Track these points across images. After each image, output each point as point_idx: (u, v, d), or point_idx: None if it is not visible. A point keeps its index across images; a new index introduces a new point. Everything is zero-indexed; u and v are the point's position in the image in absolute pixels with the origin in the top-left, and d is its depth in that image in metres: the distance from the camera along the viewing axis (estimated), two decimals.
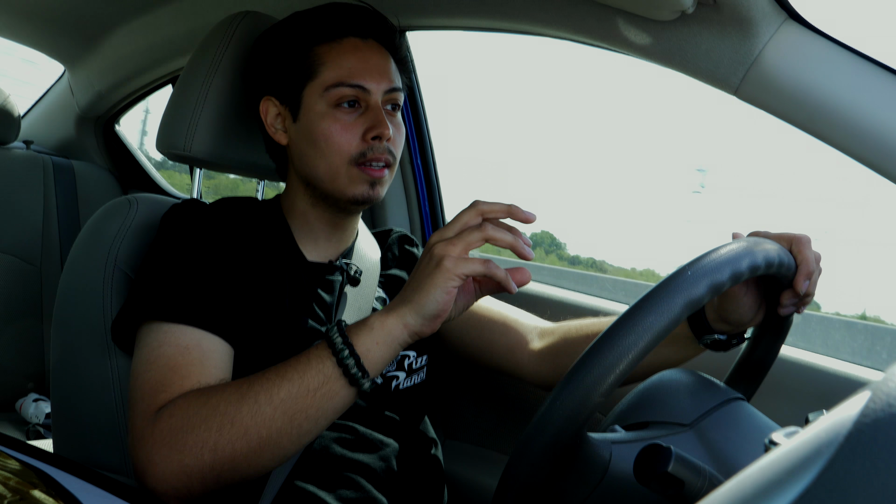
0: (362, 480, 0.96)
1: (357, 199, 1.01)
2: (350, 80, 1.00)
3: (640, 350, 0.57)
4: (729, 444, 0.68)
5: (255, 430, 0.78)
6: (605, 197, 12.41)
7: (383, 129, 0.99)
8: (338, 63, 1.01)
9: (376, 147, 1.00)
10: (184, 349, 0.88)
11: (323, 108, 1.00)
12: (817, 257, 0.79)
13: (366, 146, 1.00)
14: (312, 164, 1.02)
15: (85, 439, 1.05)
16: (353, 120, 1.00)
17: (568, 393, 0.57)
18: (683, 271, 0.63)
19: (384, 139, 0.99)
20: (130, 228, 1.05)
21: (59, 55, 2.19)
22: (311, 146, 1.01)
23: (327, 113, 1.00)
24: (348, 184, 1.00)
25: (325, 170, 1.01)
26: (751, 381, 0.88)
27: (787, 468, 0.29)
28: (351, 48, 1.02)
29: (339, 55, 1.01)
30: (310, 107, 1.01)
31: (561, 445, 0.58)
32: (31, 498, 0.65)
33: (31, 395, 1.97)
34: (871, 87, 0.89)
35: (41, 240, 2.10)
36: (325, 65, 1.01)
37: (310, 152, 1.02)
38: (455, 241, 0.78)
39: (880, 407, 0.28)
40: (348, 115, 1.00)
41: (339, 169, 1.00)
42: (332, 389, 0.80)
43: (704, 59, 0.99)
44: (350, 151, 0.99)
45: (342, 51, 1.02)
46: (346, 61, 1.01)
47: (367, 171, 1.00)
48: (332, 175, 1.01)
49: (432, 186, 1.75)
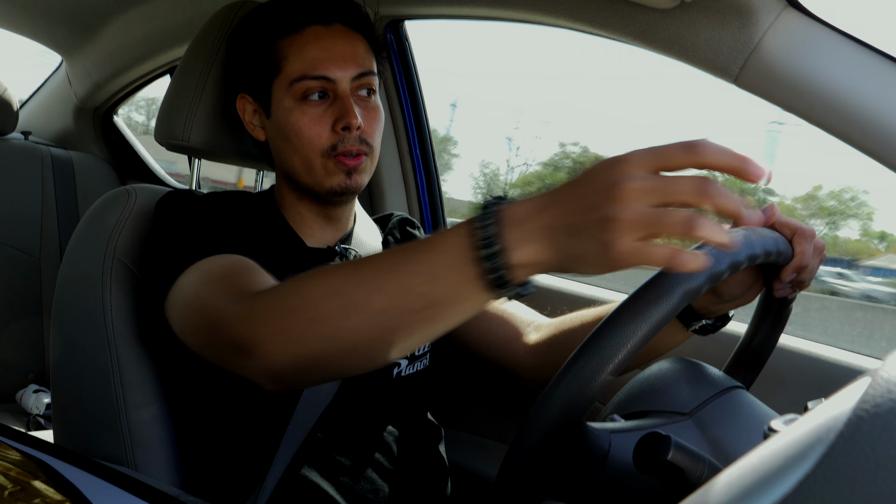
0: (364, 469, 0.96)
1: (335, 190, 1.00)
2: (313, 71, 0.98)
3: (639, 339, 0.57)
4: (728, 433, 0.68)
5: (343, 334, 0.66)
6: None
7: (351, 118, 0.97)
8: (300, 55, 0.99)
9: (347, 138, 0.98)
10: (234, 262, 0.85)
11: (290, 102, 0.99)
12: (818, 249, 0.79)
13: (336, 138, 0.98)
14: (288, 158, 1.01)
15: (85, 430, 1.05)
16: (321, 112, 0.99)
17: (567, 381, 0.57)
18: None
19: (353, 129, 0.98)
20: (129, 219, 1.04)
21: (57, 45, 2.18)
22: (284, 141, 1.01)
23: (295, 107, 0.99)
24: (325, 175, 1.00)
25: (300, 164, 1.00)
26: (750, 370, 0.88)
27: (786, 455, 0.29)
28: (313, 38, 1.00)
29: (300, 47, 0.99)
30: (279, 102, 1.00)
31: (560, 434, 0.58)
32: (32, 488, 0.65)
33: (31, 385, 1.97)
34: (872, 76, 0.89)
35: (40, 231, 2.10)
36: (288, 58, 0.99)
37: (284, 147, 1.01)
38: (646, 215, 0.51)
39: (879, 394, 0.28)
40: (316, 107, 0.99)
41: (313, 162, 0.99)
42: (437, 316, 0.62)
43: (704, 48, 0.99)
44: (321, 144, 0.98)
45: (304, 42, 0.99)
46: (309, 52, 0.99)
47: (342, 160, 0.99)
48: (307, 168, 1.00)
49: (430, 173, 1.75)
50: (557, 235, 0.55)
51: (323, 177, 1.00)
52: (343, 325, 0.66)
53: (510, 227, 0.56)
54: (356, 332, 0.65)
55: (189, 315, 0.85)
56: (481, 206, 0.58)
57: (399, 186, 1.73)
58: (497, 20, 1.32)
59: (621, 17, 1.05)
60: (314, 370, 0.73)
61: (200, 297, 0.83)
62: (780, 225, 0.76)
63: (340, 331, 0.66)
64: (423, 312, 0.62)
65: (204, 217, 0.95)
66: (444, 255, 0.59)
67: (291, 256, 1.02)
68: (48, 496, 0.65)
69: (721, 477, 0.31)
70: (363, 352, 0.68)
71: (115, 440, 1.01)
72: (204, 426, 1.00)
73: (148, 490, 0.77)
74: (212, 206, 0.98)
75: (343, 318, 0.65)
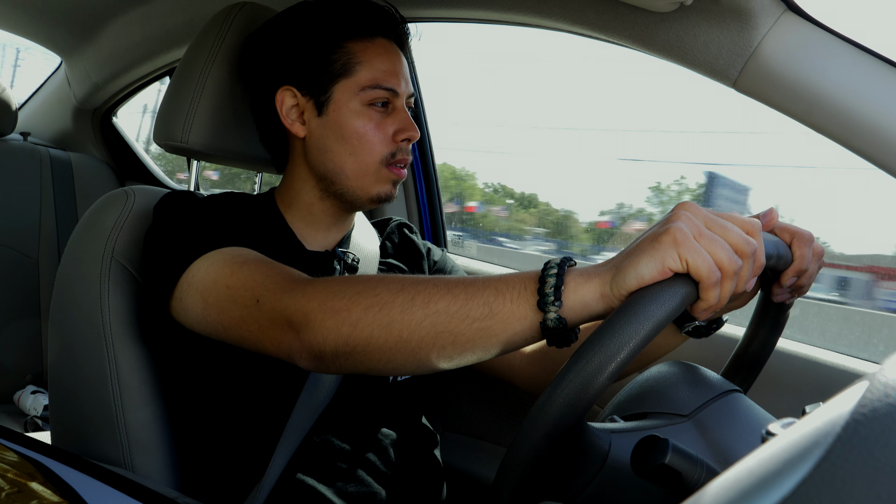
0: (361, 472, 0.96)
1: (381, 198, 1.04)
2: (385, 83, 1.02)
3: (640, 339, 0.57)
4: (726, 436, 0.68)
5: (399, 326, 0.71)
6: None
7: (413, 132, 1.03)
8: (373, 64, 1.02)
9: (404, 148, 1.03)
10: (258, 254, 0.89)
11: (356, 106, 1.01)
12: (818, 254, 0.79)
13: (395, 147, 1.03)
14: (338, 159, 1.02)
15: (83, 431, 1.05)
16: (382, 120, 1.03)
17: (568, 381, 0.57)
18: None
19: (412, 140, 1.03)
20: (128, 220, 1.04)
21: (56, 46, 2.18)
22: (339, 142, 1.02)
23: (361, 111, 1.01)
24: (374, 182, 1.03)
25: (353, 167, 1.02)
26: (748, 374, 0.88)
27: (784, 459, 0.29)
28: (383, 50, 1.04)
29: (374, 56, 1.02)
30: (342, 103, 1.02)
31: (560, 434, 0.58)
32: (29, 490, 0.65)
33: (29, 387, 1.97)
34: (871, 80, 0.89)
35: (38, 232, 2.09)
36: (361, 64, 1.02)
37: (337, 148, 1.02)
38: (707, 235, 0.61)
39: (877, 398, 0.28)
40: (380, 114, 1.02)
41: (369, 167, 1.02)
42: (491, 330, 0.68)
43: (703, 51, 0.99)
44: (382, 151, 1.02)
45: (376, 51, 1.03)
46: (381, 63, 1.02)
47: (395, 170, 1.03)
48: (360, 172, 1.02)
49: (430, 180, 1.75)
50: (613, 266, 0.64)
51: (373, 183, 1.03)
52: (404, 318, 0.71)
53: (574, 272, 0.66)
54: (413, 326, 0.70)
55: (220, 292, 0.86)
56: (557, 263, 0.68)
57: (398, 192, 1.73)
58: (496, 23, 1.32)
59: (621, 20, 1.06)
60: (357, 356, 0.75)
61: (238, 274, 0.85)
62: (780, 229, 0.76)
63: (399, 322, 0.71)
64: (482, 321, 0.68)
65: (209, 213, 0.96)
66: (514, 277, 0.69)
67: (291, 258, 1.02)
68: (45, 498, 0.65)
69: (718, 480, 0.31)
70: (411, 348, 0.71)
71: (113, 442, 1.01)
72: (201, 428, 1.00)
73: (145, 492, 0.77)
74: (214, 204, 0.99)
75: (406, 311, 0.71)
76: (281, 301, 0.79)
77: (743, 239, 0.62)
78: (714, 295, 0.61)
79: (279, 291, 0.80)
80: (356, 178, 1.03)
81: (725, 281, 0.61)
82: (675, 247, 0.60)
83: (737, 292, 0.63)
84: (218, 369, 0.97)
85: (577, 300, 0.65)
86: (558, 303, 0.65)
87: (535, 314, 0.66)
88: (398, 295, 0.72)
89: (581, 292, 0.65)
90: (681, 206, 0.64)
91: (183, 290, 0.89)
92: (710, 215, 0.63)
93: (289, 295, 0.79)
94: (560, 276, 0.65)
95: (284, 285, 0.81)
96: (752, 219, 0.65)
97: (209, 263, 0.88)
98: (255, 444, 0.95)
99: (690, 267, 0.59)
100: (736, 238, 0.62)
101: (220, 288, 0.86)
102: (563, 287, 0.65)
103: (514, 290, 0.67)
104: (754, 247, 0.62)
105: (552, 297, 0.65)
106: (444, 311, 0.69)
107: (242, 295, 0.84)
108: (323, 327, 0.75)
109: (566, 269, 0.66)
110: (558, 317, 0.65)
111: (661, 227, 0.62)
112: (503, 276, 0.70)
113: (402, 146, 1.03)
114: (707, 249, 0.60)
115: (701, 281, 0.60)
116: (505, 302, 0.67)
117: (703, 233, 0.61)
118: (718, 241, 0.61)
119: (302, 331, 0.76)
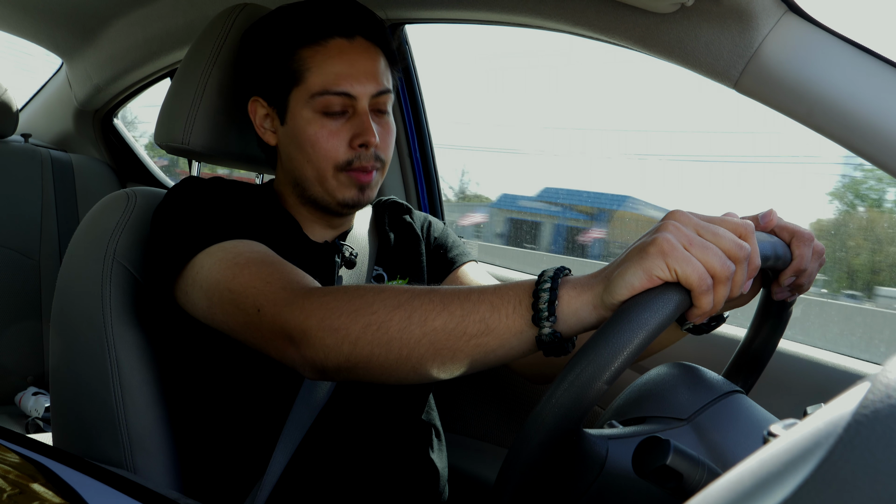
0: (361, 471, 0.96)
1: (347, 203, 1.02)
2: (336, 87, 0.98)
3: (635, 346, 0.57)
4: (727, 438, 0.68)
5: (398, 345, 0.71)
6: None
7: (369, 136, 0.98)
8: (323, 69, 0.98)
9: (363, 155, 0.99)
10: (263, 251, 0.89)
11: (309, 114, 0.99)
12: (818, 252, 0.78)
13: (353, 154, 0.99)
14: (300, 167, 1.02)
15: (84, 432, 1.05)
16: (339, 126, 0.99)
17: (565, 388, 0.57)
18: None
19: (370, 146, 0.99)
20: (129, 222, 1.04)
21: (57, 48, 2.19)
22: (298, 150, 1.01)
23: (313, 119, 0.99)
24: (337, 187, 1.01)
25: (312, 174, 1.01)
26: (749, 374, 0.88)
27: (785, 460, 0.29)
28: (336, 51, 0.99)
29: (324, 59, 0.99)
30: (296, 112, 1.00)
31: (558, 440, 0.58)
32: (31, 491, 0.65)
33: (30, 388, 1.97)
34: (872, 81, 0.89)
35: (39, 233, 2.10)
36: (310, 70, 0.99)
37: (297, 156, 1.02)
38: (698, 243, 0.61)
39: (879, 398, 0.28)
40: (335, 121, 0.99)
41: (326, 174, 1.00)
42: (488, 346, 0.69)
43: (704, 52, 0.99)
44: (337, 158, 0.99)
45: (328, 54, 0.99)
46: (332, 66, 0.98)
47: (355, 175, 1.00)
48: (319, 180, 1.01)
49: (430, 176, 1.75)
50: (604, 277, 0.64)
51: (335, 188, 1.01)
52: (402, 337, 0.71)
53: (567, 285, 0.66)
54: (412, 344, 0.70)
55: (223, 294, 0.86)
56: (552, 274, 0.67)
57: (399, 190, 1.74)
58: (497, 24, 1.32)
59: (622, 21, 1.06)
60: (359, 371, 0.75)
61: (239, 278, 0.85)
62: (779, 229, 0.76)
63: (398, 341, 0.71)
64: (479, 338, 0.68)
65: (214, 199, 0.96)
66: (508, 291, 0.68)
67: (295, 247, 1.02)
68: (47, 499, 0.65)
69: (720, 481, 0.31)
70: (412, 364, 0.72)
71: (114, 443, 1.01)
72: (202, 426, 1.00)
73: (147, 493, 0.77)
74: (220, 190, 0.99)
75: (404, 330, 0.71)
76: (281, 315, 0.79)
77: (735, 244, 0.61)
78: (707, 301, 0.60)
79: (279, 303, 0.80)
80: (318, 183, 1.01)
81: (719, 286, 0.60)
82: (663, 257, 0.59)
83: (732, 296, 0.62)
84: (218, 366, 0.97)
85: (570, 313, 0.65)
86: (553, 318, 0.65)
87: (530, 329, 0.66)
88: (395, 312, 0.72)
89: (574, 305, 0.65)
90: (670, 216, 0.63)
91: (188, 283, 0.89)
92: (701, 222, 0.62)
93: (287, 309, 0.78)
94: (554, 290, 0.65)
95: (284, 296, 0.80)
96: (745, 221, 0.64)
97: (213, 262, 0.87)
98: (255, 442, 0.95)
99: (680, 276, 0.59)
100: (728, 244, 0.61)
101: (223, 290, 0.86)
102: (557, 301, 0.65)
103: (510, 305, 0.67)
104: (747, 251, 0.62)
105: (546, 311, 0.65)
106: (441, 329, 0.69)
107: (244, 301, 0.83)
108: (323, 345, 0.75)
109: (560, 281, 0.66)
110: (553, 331, 0.65)
111: (649, 237, 0.62)
112: (498, 289, 0.70)
113: (361, 153, 0.99)
114: (698, 257, 0.60)
115: (692, 289, 0.60)
116: (500, 318, 0.67)
117: (694, 241, 0.60)
118: (710, 248, 0.60)
119: (302, 347, 0.77)
